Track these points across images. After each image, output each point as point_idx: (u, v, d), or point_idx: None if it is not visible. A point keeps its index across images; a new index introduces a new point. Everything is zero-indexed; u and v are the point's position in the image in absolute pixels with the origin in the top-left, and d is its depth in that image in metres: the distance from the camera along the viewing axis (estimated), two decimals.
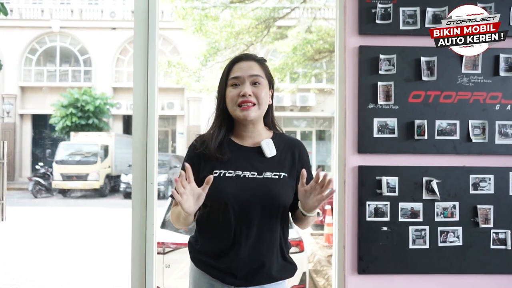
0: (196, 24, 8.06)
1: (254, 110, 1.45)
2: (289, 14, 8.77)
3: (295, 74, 10.38)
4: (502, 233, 1.87)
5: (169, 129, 18.85)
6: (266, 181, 1.44)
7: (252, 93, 1.45)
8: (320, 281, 5.01)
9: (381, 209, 1.85)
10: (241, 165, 1.46)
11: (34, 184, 13.15)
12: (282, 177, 1.47)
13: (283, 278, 1.49)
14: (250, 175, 1.45)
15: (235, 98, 1.45)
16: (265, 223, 1.43)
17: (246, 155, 1.48)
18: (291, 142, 1.55)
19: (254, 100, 1.45)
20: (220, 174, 1.44)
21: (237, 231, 1.42)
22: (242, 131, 1.51)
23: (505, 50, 1.88)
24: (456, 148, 1.87)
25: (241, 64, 1.49)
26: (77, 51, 18.39)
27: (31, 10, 18.25)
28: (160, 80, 16.03)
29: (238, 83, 1.47)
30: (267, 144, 1.49)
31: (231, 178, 1.44)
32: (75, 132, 15.30)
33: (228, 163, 1.46)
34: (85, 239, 7.39)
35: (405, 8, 1.87)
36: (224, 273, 1.44)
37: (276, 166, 1.48)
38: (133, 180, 1.91)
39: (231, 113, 1.48)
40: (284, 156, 1.51)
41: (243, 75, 1.46)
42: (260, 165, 1.47)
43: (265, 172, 1.45)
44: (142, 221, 1.90)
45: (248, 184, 1.43)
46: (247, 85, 1.45)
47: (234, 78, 1.47)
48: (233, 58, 1.53)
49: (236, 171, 1.45)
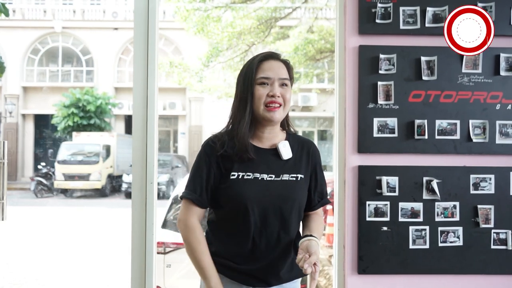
0: (198, 25, 8.06)
1: (280, 112, 1.45)
2: (290, 14, 8.78)
3: (297, 74, 10.36)
4: (503, 233, 1.86)
5: (171, 129, 18.86)
6: (284, 183, 1.45)
7: (281, 95, 1.44)
8: (321, 281, 5.00)
9: (381, 209, 1.85)
10: (259, 167, 1.45)
11: (36, 184, 13.17)
12: (299, 178, 1.47)
13: (299, 276, 1.50)
14: (268, 178, 1.44)
15: (263, 97, 1.43)
16: (283, 225, 1.44)
17: (264, 157, 1.47)
18: (305, 142, 1.55)
19: (281, 101, 1.44)
20: (238, 177, 1.43)
21: (256, 234, 1.42)
22: (260, 132, 1.49)
23: (506, 49, 1.87)
24: (456, 148, 1.87)
25: (271, 63, 1.47)
26: (79, 51, 18.41)
27: (33, 10, 18.29)
28: (162, 80, 16.05)
29: (267, 83, 1.44)
30: (284, 146, 1.48)
31: (250, 181, 1.43)
32: (77, 132, 15.33)
33: (246, 166, 1.44)
34: (86, 239, 7.40)
35: (405, 8, 1.86)
36: (243, 275, 1.44)
37: (293, 168, 1.48)
38: (133, 180, 1.92)
39: (257, 112, 1.45)
40: (299, 157, 1.51)
41: (273, 76, 1.44)
42: (278, 167, 1.46)
43: (283, 175, 1.46)
44: (142, 221, 1.90)
45: (267, 187, 1.43)
46: (277, 86, 1.44)
47: (264, 78, 1.44)
48: (261, 56, 1.49)
49: (254, 174, 1.44)
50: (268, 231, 1.43)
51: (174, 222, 3.81)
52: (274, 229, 1.43)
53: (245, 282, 1.44)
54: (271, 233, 1.43)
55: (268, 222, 1.42)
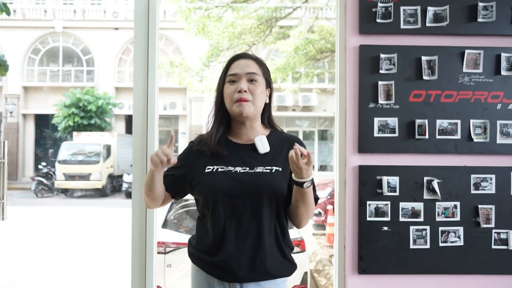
0: (199, 25, 8.06)
1: (248, 106, 1.48)
2: (291, 14, 8.77)
3: (297, 73, 10.37)
4: (504, 233, 1.86)
5: (171, 129, 18.87)
6: (257, 174, 1.46)
7: (248, 90, 1.48)
8: (322, 281, 5.01)
9: (381, 209, 1.85)
10: (234, 161, 1.48)
11: (37, 183, 13.18)
12: (275, 171, 1.47)
13: (279, 275, 1.47)
14: (241, 170, 1.46)
15: (232, 94, 1.49)
16: (256, 216, 1.44)
17: (239, 151, 1.50)
18: (288, 138, 1.56)
19: (249, 97, 1.48)
20: (213, 170, 1.47)
21: (227, 224, 1.43)
22: (238, 129, 1.53)
23: (507, 49, 1.87)
24: (457, 147, 1.86)
25: (239, 62, 1.53)
26: (80, 51, 18.42)
27: (34, 10, 18.30)
28: (163, 80, 16.05)
29: (235, 80, 1.50)
30: (260, 141, 1.50)
31: (223, 173, 1.46)
32: (78, 132, 15.33)
33: (221, 160, 1.48)
34: (87, 238, 7.40)
35: (405, 7, 1.86)
36: (217, 268, 1.44)
37: (269, 161, 1.49)
38: (133, 179, 1.92)
39: (229, 109, 1.51)
40: (279, 151, 1.51)
41: (240, 72, 1.50)
42: (253, 160, 1.48)
43: (257, 167, 1.47)
44: (142, 221, 1.90)
45: (238, 178, 1.45)
46: (244, 81, 1.49)
47: (232, 75, 1.51)
48: (232, 57, 1.57)
49: (228, 167, 1.47)
50: (237, 220, 1.43)
51: (174, 222, 3.82)
52: (245, 220, 1.43)
53: (221, 277, 1.44)
54: (240, 223, 1.43)
55: (238, 212, 1.43)
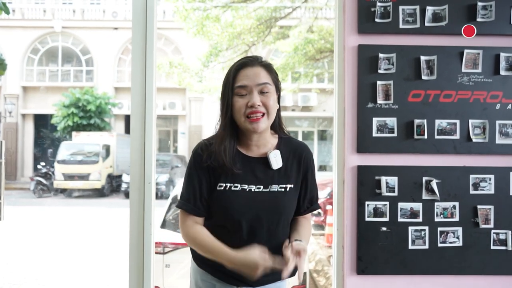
0: (198, 25, 8.05)
1: (264, 121, 1.39)
2: (290, 14, 8.76)
3: (297, 73, 10.37)
4: (503, 234, 1.86)
5: (170, 129, 18.86)
6: (272, 195, 1.42)
7: (261, 103, 1.37)
8: (321, 281, 5.00)
9: (380, 209, 1.84)
10: (247, 178, 1.42)
11: (36, 183, 13.17)
12: (289, 189, 1.45)
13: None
14: (256, 189, 1.41)
15: (242, 108, 1.37)
16: (271, 235, 1.43)
17: (252, 167, 1.43)
18: (297, 148, 1.50)
19: (263, 110, 1.38)
20: (226, 188, 1.41)
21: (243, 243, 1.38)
22: (249, 140, 1.44)
23: (506, 49, 1.86)
24: (456, 147, 1.86)
25: (247, 71, 1.40)
26: (79, 51, 18.41)
27: (33, 10, 18.28)
28: (162, 81, 16.03)
29: (245, 93, 1.38)
30: (274, 157, 1.43)
31: (237, 192, 1.41)
32: (77, 132, 15.33)
33: (233, 176, 1.41)
34: (86, 238, 7.39)
35: (404, 7, 1.85)
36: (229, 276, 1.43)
37: (282, 178, 1.44)
38: (131, 179, 1.91)
39: (239, 124, 1.41)
40: (291, 165, 1.47)
41: (250, 84, 1.38)
42: (266, 177, 1.43)
43: (272, 185, 1.43)
44: (140, 221, 1.90)
45: (254, 198, 1.41)
46: (255, 95, 1.37)
47: (241, 88, 1.38)
48: (237, 64, 1.43)
49: (242, 185, 1.41)
50: (255, 241, 1.40)
51: (173, 222, 3.81)
52: (261, 239, 1.41)
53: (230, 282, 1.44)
54: (258, 242, 1.39)
55: (255, 233, 1.41)
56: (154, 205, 1.91)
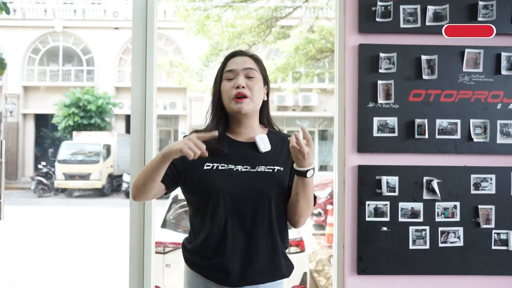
0: (198, 25, 8.05)
1: (247, 103, 1.45)
2: (291, 14, 8.76)
3: (297, 73, 10.35)
4: (504, 234, 1.85)
5: (171, 128, 18.86)
6: (259, 174, 1.43)
7: (246, 86, 1.45)
8: (322, 281, 5.00)
9: (381, 209, 1.84)
10: (234, 159, 1.45)
11: (37, 183, 13.18)
12: (277, 170, 1.45)
13: (279, 277, 1.46)
14: (243, 169, 1.43)
15: (230, 90, 1.46)
16: (257, 218, 1.41)
17: (240, 149, 1.47)
18: (286, 137, 1.51)
19: (247, 93, 1.45)
20: (213, 167, 1.44)
21: (228, 225, 1.40)
22: (237, 127, 1.50)
23: (507, 48, 1.86)
24: (457, 147, 1.85)
25: (236, 59, 1.51)
26: (80, 50, 18.42)
27: (34, 10, 18.30)
28: (163, 80, 16.04)
29: (232, 77, 1.47)
30: (261, 139, 1.47)
31: (223, 171, 1.43)
32: (78, 131, 15.33)
33: (220, 157, 1.45)
34: (86, 238, 7.39)
35: (405, 6, 1.85)
36: (216, 271, 1.41)
37: (270, 160, 1.46)
38: (131, 179, 1.90)
39: (227, 106, 1.48)
40: (280, 150, 1.49)
41: (237, 68, 1.48)
42: (254, 159, 1.46)
43: (259, 166, 1.44)
44: (140, 221, 1.89)
45: (240, 177, 1.42)
46: (241, 77, 1.46)
47: (229, 72, 1.48)
48: (228, 54, 1.55)
49: (229, 165, 1.44)
50: (238, 221, 1.40)
51: (173, 222, 3.81)
52: (247, 221, 1.40)
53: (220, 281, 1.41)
54: (243, 225, 1.40)
55: (240, 214, 1.40)
56: (154, 204, 1.91)
